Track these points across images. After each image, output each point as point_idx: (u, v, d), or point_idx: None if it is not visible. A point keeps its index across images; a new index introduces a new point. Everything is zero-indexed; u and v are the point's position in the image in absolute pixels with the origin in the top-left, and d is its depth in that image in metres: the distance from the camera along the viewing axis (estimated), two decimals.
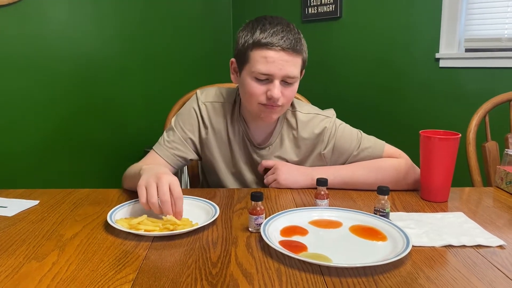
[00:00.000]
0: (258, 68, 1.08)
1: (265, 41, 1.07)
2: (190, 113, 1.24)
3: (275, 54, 1.07)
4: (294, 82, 1.13)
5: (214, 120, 1.24)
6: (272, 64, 1.07)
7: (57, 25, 2.28)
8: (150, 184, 0.90)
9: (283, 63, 1.08)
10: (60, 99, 2.33)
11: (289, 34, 1.09)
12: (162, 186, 0.89)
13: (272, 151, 1.25)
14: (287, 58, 1.08)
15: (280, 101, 1.11)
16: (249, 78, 1.11)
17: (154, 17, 2.78)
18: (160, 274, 0.71)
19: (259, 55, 1.08)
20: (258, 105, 1.13)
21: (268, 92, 1.10)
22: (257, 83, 1.11)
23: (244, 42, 1.11)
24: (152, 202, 0.89)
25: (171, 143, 1.23)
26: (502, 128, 1.53)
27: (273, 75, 1.08)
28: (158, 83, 2.85)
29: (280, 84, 1.10)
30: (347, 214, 0.94)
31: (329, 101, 2.81)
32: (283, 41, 1.07)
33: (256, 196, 0.87)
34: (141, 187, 0.91)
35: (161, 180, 0.90)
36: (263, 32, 1.08)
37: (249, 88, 1.12)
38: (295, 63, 1.11)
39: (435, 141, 1.06)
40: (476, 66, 2.20)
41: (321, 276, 0.71)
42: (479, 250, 0.81)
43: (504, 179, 1.18)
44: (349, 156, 1.22)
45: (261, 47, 1.08)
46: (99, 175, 2.51)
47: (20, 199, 1.08)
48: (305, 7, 2.93)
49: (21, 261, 0.76)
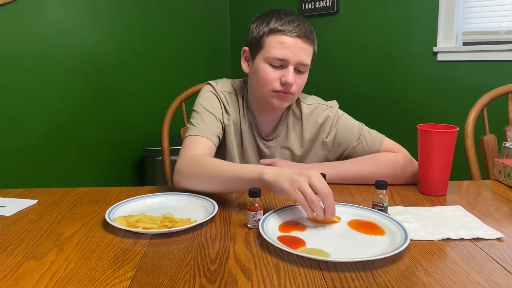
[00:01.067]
0: (273, 53, 1.11)
1: (282, 28, 1.10)
2: (213, 99, 1.23)
3: (291, 40, 1.10)
4: (305, 71, 1.15)
5: (231, 109, 1.25)
6: (288, 49, 1.10)
7: (54, 23, 2.27)
8: (301, 186, 0.85)
9: (298, 50, 1.10)
10: (58, 98, 2.33)
11: (303, 23, 1.13)
12: (316, 182, 0.85)
13: (279, 142, 1.27)
14: (302, 45, 1.11)
15: (293, 88, 1.14)
16: (263, 64, 1.13)
17: (152, 15, 2.78)
18: (159, 271, 0.71)
19: (275, 41, 1.11)
20: (271, 92, 1.14)
21: (282, 77, 1.12)
22: (271, 69, 1.13)
23: (259, 30, 1.14)
24: (313, 201, 0.84)
25: (206, 122, 1.18)
26: (500, 121, 1.53)
27: (288, 60, 1.10)
28: (156, 81, 2.85)
29: (293, 71, 1.12)
30: (345, 209, 0.94)
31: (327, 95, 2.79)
32: (298, 28, 1.10)
33: (254, 192, 0.88)
34: (295, 191, 0.86)
35: (311, 177, 0.86)
36: (279, 21, 1.12)
37: (263, 73, 1.13)
38: (308, 52, 1.13)
39: (433, 135, 1.06)
40: (474, 59, 2.20)
41: (319, 271, 0.71)
42: (477, 243, 0.81)
43: (502, 172, 1.18)
44: (349, 146, 1.24)
45: (277, 32, 1.11)
46: (98, 173, 2.51)
47: (18, 199, 1.08)
48: (302, 3, 2.92)
49: (19, 260, 0.76)
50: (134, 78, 2.72)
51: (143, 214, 0.92)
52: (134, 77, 2.72)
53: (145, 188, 1.16)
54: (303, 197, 0.85)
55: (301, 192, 0.85)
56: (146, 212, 0.94)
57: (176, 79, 2.96)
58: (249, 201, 0.88)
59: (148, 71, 2.80)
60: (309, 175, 0.87)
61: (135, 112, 2.73)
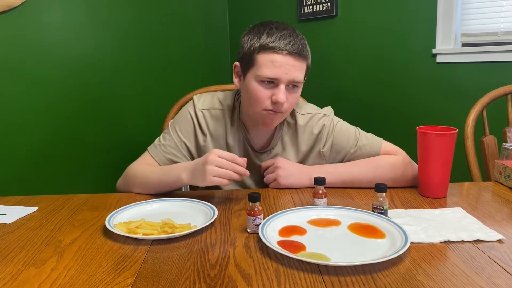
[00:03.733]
0: (264, 72, 1.07)
1: (272, 44, 1.07)
2: (187, 119, 1.23)
3: (282, 58, 1.07)
4: (298, 87, 1.13)
5: (212, 127, 1.23)
6: (279, 68, 1.07)
7: (52, 29, 2.27)
8: (214, 172, 0.99)
9: (289, 68, 1.07)
10: (58, 104, 2.33)
11: (295, 39, 1.09)
12: (219, 161, 1.00)
13: (273, 154, 1.25)
14: (294, 62, 1.08)
15: (284, 107, 1.11)
16: (254, 82, 1.10)
17: (150, 19, 2.78)
18: (159, 278, 0.71)
19: (266, 59, 1.07)
20: (262, 111, 1.12)
21: (273, 96, 1.09)
22: (262, 87, 1.10)
23: (250, 45, 1.11)
24: (230, 175, 1.00)
25: (167, 147, 1.22)
26: (500, 122, 1.53)
27: (279, 79, 1.08)
28: (155, 85, 2.85)
29: (285, 89, 1.09)
30: (346, 212, 0.94)
31: (327, 99, 2.80)
32: (290, 45, 1.07)
33: (253, 197, 0.87)
34: (216, 179, 1.00)
35: (212, 160, 1.00)
36: (270, 36, 1.08)
37: (254, 92, 1.11)
38: (301, 68, 1.10)
39: (432, 137, 1.06)
40: (473, 60, 2.20)
41: (319, 275, 0.71)
42: (478, 245, 0.80)
43: (502, 173, 1.18)
44: (347, 153, 1.22)
45: (268, 50, 1.07)
46: (98, 180, 2.51)
47: (18, 206, 1.08)
48: (300, 6, 2.93)
49: (19, 268, 0.76)
50: (133, 83, 2.72)
51: (143, 220, 0.92)
52: (133, 82, 2.72)
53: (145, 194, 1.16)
54: (221, 179, 1.00)
55: (219, 177, 1.00)
56: (146, 218, 0.94)
57: (175, 84, 2.97)
58: (249, 206, 0.88)
59: (147, 76, 2.80)
60: (210, 159, 1.00)
61: (135, 117, 2.73)
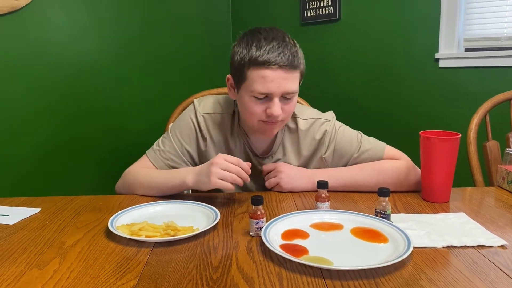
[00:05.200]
0: (256, 88, 1.06)
1: (262, 59, 1.04)
2: (188, 124, 1.22)
3: (273, 73, 1.04)
4: (293, 96, 1.11)
5: (213, 132, 1.23)
6: (270, 83, 1.05)
7: (56, 31, 2.28)
8: (219, 174, 1.01)
9: (281, 81, 1.05)
10: (61, 105, 2.34)
11: (285, 49, 1.06)
12: (225, 165, 1.01)
13: (274, 159, 1.25)
14: (285, 75, 1.06)
15: (281, 117, 1.10)
16: (247, 97, 1.09)
17: (153, 21, 2.79)
18: (161, 280, 0.71)
19: (256, 75, 1.06)
20: (258, 122, 1.12)
21: (268, 110, 1.08)
22: (256, 102, 1.09)
23: (240, 59, 1.08)
24: (234, 179, 1.01)
25: (166, 153, 1.22)
26: (503, 127, 1.52)
27: (272, 93, 1.06)
28: (158, 87, 2.86)
29: (280, 100, 1.08)
30: (348, 217, 0.94)
31: (329, 103, 2.81)
32: (280, 58, 1.04)
33: (256, 200, 0.88)
34: (220, 182, 1.01)
35: (218, 162, 1.02)
36: (259, 49, 1.05)
37: (248, 106, 1.10)
38: (294, 79, 1.08)
39: (435, 141, 1.06)
40: (476, 65, 2.20)
41: (322, 279, 0.71)
42: (481, 251, 0.80)
43: (505, 179, 1.17)
44: (350, 158, 1.22)
45: (258, 66, 1.05)
46: (100, 180, 2.51)
47: (21, 207, 1.09)
48: (304, 10, 2.93)
49: (22, 269, 0.76)
50: (136, 85, 2.73)
51: (146, 222, 0.92)
52: (136, 84, 2.72)
53: (147, 196, 1.16)
54: (226, 182, 1.01)
55: (223, 179, 1.01)
56: (148, 220, 0.94)
57: (178, 86, 2.97)
58: (252, 209, 0.88)
59: (150, 78, 2.81)
60: (216, 161, 1.02)
61: (137, 119, 2.74)
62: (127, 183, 1.20)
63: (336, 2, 2.73)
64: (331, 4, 2.77)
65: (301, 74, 1.13)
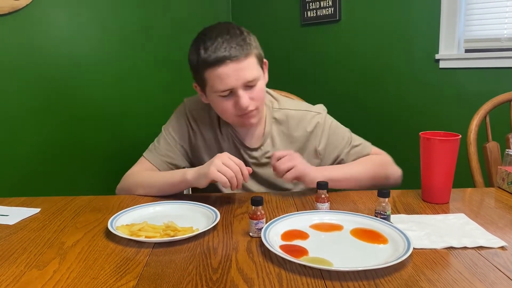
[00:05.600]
0: (217, 87, 1.08)
1: (211, 59, 1.05)
2: (180, 121, 1.26)
3: (226, 68, 1.05)
4: (257, 82, 1.11)
5: (202, 127, 1.25)
6: (228, 79, 1.06)
7: (56, 31, 2.28)
8: (218, 167, 1.01)
9: (237, 73, 1.06)
10: (60, 105, 2.34)
11: (231, 42, 1.06)
12: (227, 161, 1.02)
13: (264, 152, 1.26)
14: (239, 66, 1.06)
15: (252, 106, 1.12)
16: (214, 98, 1.12)
17: (154, 22, 2.79)
18: (161, 281, 0.71)
19: (212, 75, 1.07)
20: (235, 118, 1.14)
21: (237, 104, 1.10)
22: (223, 100, 1.11)
23: (194, 65, 1.11)
24: (231, 176, 1.01)
25: (162, 149, 1.25)
26: (503, 128, 1.52)
27: (234, 87, 1.08)
28: (158, 88, 2.86)
29: (245, 90, 1.09)
30: (348, 217, 0.94)
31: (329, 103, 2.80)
32: (227, 52, 1.05)
33: (256, 200, 0.88)
34: (216, 173, 1.01)
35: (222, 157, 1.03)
36: (206, 51, 1.06)
37: (219, 107, 1.13)
38: (250, 65, 1.08)
39: (435, 142, 1.06)
40: (476, 66, 2.20)
41: (322, 280, 0.71)
42: (480, 252, 0.80)
43: (505, 180, 1.17)
44: (341, 152, 1.24)
45: (211, 66, 1.06)
46: (100, 180, 2.51)
47: (21, 207, 1.09)
48: (304, 11, 2.94)
49: (22, 269, 0.76)
50: (137, 86, 2.73)
51: (146, 222, 0.92)
52: (136, 85, 2.72)
53: (147, 196, 1.16)
54: (222, 175, 1.00)
55: (221, 173, 1.00)
56: (148, 221, 0.94)
57: (179, 87, 2.97)
58: (252, 209, 0.88)
59: (150, 79, 2.81)
60: (220, 156, 1.03)
61: (138, 120, 2.74)
62: (127, 185, 1.21)
63: (337, 3, 2.74)
64: (332, 5, 2.77)
65: (258, 57, 1.12)
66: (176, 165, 1.26)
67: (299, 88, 2.99)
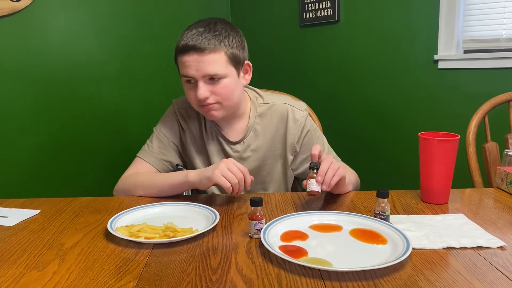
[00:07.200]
0: (182, 72, 1.14)
1: (181, 46, 1.12)
2: (170, 120, 1.31)
3: (189, 57, 1.11)
4: (221, 78, 1.13)
5: (190, 124, 1.30)
6: (188, 67, 1.12)
7: (55, 33, 2.29)
8: (223, 172, 1.02)
9: (198, 65, 1.11)
10: (60, 107, 2.34)
11: (204, 33, 1.11)
12: (232, 167, 1.03)
13: (247, 144, 1.28)
14: (201, 58, 1.10)
15: (212, 99, 1.15)
16: (184, 83, 1.18)
17: (153, 23, 2.79)
18: (160, 282, 0.71)
19: (180, 61, 1.14)
20: (198, 107, 1.19)
21: (197, 94, 1.14)
22: (189, 87, 1.16)
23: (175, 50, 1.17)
24: (235, 182, 1.02)
25: (155, 148, 1.28)
26: (501, 129, 1.53)
27: (193, 77, 1.12)
28: (157, 88, 2.86)
29: (206, 83, 1.13)
30: (347, 218, 0.94)
31: (329, 103, 2.81)
32: (195, 42, 1.10)
33: (255, 201, 0.88)
34: (221, 177, 1.02)
35: (228, 162, 1.04)
36: (182, 39, 1.12)
37: (186, 93, 1.19)
38: (214, 61, 1.11)
39: (434, 143, 1.06)
40: (475, 67, 2.20)
41: (321, 280, 0.71)
42: (479, 252, 0.80)
43: (504, 180, 1.18)
44: None
45: (179, 53, 1.13)
46: (99, 182, 2.51)
47: (21, 209, 1.09)
48: (303, 12, 2.94)
49: (21, 271, 0.76)
50: (136, 87, 2.73)
51: (145, 223, 0.92)
52: (135, 86, 2.73)
53: (146, 197, 1.16)
54: (226, 180, 1.02)
55: (224, 177, 1.02)
56: (147, 222, 0.94)
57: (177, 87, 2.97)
58: (251, 210, 0.88)
59: (149, 80, 2.81)
60: (226, 161, 1.05)
61: (136, 121, 2.74)
62: (126, 186, 1.21)
63: (336, 4, 2.74)
64: (331, 6, 2.77)
65: (230, 56, 1.14)
66: (170, 163, 1.29)
67: (298, 88, 3.00)
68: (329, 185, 1.00)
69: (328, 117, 2.57)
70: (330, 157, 1.04)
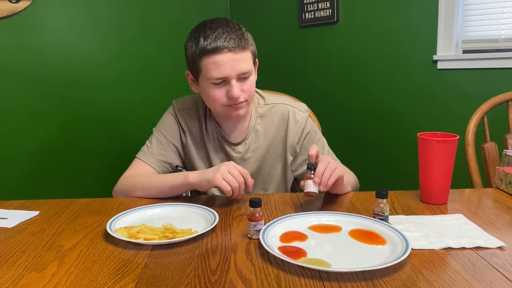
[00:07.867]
0: (212, 74, 1.12)
1: (211, 47, 1.10)
2: (170, 121, 1.30)
3: (223, 57, 1.10)
4: (249, 75, 1.16)
5: (190, 125, 1.30)
6: (223, 67, 1.11)
7: (55, 34, 2.29)
8: (224, 175, 1.02)
9: (233, 63, 1.11)
10: (59, 108, 2.34)
11: (231, 33, 1.11)
12: (233, 170, 1.03)
13: (248, 145, 1.28)
14: (236, 56, 1.11)
15: (243, 97, 1.15)
16: (207, 84, 1.15)
17: (153, 24, 2.79)
18: (160, 283, 0.71)
19: (209, 62, 1.11)
20: (223, 107, 1.17)
21: (228, 93, 1.13)
22: (215, 88, 1.15)
23: (192, 53, 1.15)
24: (235, 186, 1.03)
25: (155, 149, 1.28)
26: (501, 129, 1.53)
27: (228, 76, 1.12)
28: (157, 89, 2.86)
29: (237, 81, 1.13)
30: (346, 218, 0.94)
31: (328, 104, 2.81)
32: (227, 42, 1.10)
33: (255, 202, 0.88)
34: (221, 180, 1.02)
35: (229, 165, 1.05)
36: (206, 39, 1.11)
37: (210, 94, 1.16)
38: (245, 58, 1.13)
39: (433, 143, 1.06)
40: (473, 67, 2.20)
41: (320, 281, 0.71)
42: (478, 252, 0.80)
43: (503, 180, 1.18)
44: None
45: (208, 54, 1.11)
46: (99, 183, 2.51)
47: (20, 210, 1.09)
48: (302, 12, 2.94)
49: (21, 272, 0.76)
50: (136, 88, 2.73)
51: (144, 225, 0.92)
52: (135, 87, 2.73)
53: (146, 198, 1.16)
54: (227, 184, 1.02)
55: (225, 181, 1.02)
56: (147, 223, 0.94)
57: (177, 89, 2.97)
58: (250, 211, 0.88)
59: (149, 80, 2.81)
60: (227, 164, 1.05)
61: (136, 122, 2.74)
62: (125, 187, 1.21)
63: (335, 4, 2.74)
64: (330, 6, 2.77)
65: (253, 53, 1.18)
66: (170, 164, 1.29)
67: (297, 89, 3.00)
68: (326, 186, 1.00)
69: (327, 117, 2.57)
70: (327, 158, 1.04)
